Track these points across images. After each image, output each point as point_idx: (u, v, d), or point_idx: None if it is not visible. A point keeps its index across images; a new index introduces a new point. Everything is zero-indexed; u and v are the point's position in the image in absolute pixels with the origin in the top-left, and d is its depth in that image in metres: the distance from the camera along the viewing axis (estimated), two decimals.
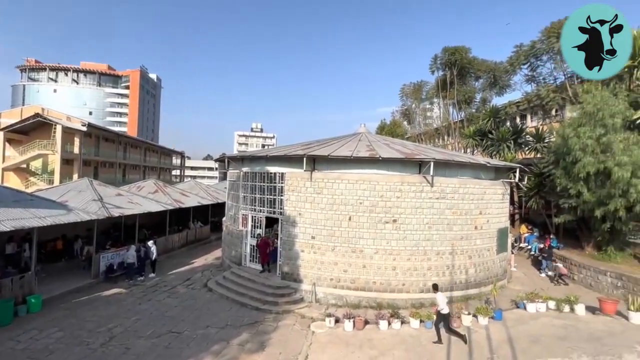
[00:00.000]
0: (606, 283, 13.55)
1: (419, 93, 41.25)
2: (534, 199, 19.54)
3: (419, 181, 12.54)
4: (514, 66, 25.34)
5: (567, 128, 15.06)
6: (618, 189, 12.72)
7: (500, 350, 8.93)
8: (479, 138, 26.51)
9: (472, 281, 13.05)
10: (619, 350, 8.63)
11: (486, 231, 13.59)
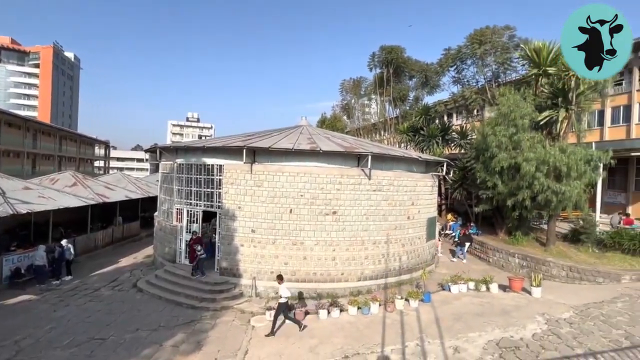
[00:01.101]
0: (514, 264, 15.49)
1: (358, 89, 42.59)
2: (458, 190, 21.50)
3: (357, 174, 12.97)
4: (443, 68, 27.41)
5: (486, 127, 16.77)
6: (525, 181, 14.52)
7: (429, 329, 9.72)
8: (412, 134, 28.26)
9: (405, 267, 13.97)
10: (524, 321, 9.96)
11: (417, 221, 14.60)
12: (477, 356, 8.19)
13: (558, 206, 14.55)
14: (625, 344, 8.36)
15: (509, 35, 22.74)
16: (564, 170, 13.87)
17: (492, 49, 22.50)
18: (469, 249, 18.55)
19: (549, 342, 8.69)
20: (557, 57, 15.66)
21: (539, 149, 14.56)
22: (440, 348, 8.62)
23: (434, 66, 29.89)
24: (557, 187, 13.90)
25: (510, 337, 9.01)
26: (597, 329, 9.23)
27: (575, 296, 11.71)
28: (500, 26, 22.95)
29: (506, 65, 23.12)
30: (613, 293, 11.59)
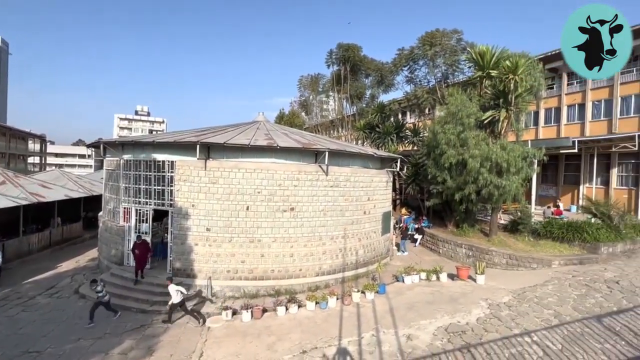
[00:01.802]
0: (462, 254, 16.56)
1: (316, 85, 42.72)
2: (412, 185, 22.48)
3: (315, 170, 13.05)
4: (397, 67, 28.37)
5: (437, 125, 17.66)
6: (471, 176, 15.53)
7: (384, 320, 10.09)
8: (368, 131, 28.96)
9: (362, 261, 14.34)
10: (469, 307, 10.69)
11: (373, 215, 15.04)
12: (428, 342, 8.65)
13: (499, 199, 15.76)
14: (554, 322, 9.30)
15: (456, 38, 24.09)
16: (505, 166, 15.03)
17: (441, 51, 23.69)
18: (421, 241, 19.51)
19: (490, 324, 9.42)
20: (499, 61, 16.89)
21: (483, 146, 15.62)
22: (395, 337, 8.99)
23: (388, 65, 30.81)
24: (498, 182, 15.04)
25: (458, 323, 9.63)
26: (531, 310, 10.16)
27: (513, 281, 12.77)
28: (449, 29, 24.25)
29: (454, 67, 24.49)
30: (545, 277, 12.81)
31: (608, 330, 8.66)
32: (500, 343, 8.37)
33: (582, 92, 26.79)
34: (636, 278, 11.98)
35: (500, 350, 8.06)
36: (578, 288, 11.52)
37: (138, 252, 12.13)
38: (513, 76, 15.54)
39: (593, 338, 8.34)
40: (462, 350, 8.12)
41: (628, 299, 10.36)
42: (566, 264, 13.93)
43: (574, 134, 26.05)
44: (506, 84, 15.85)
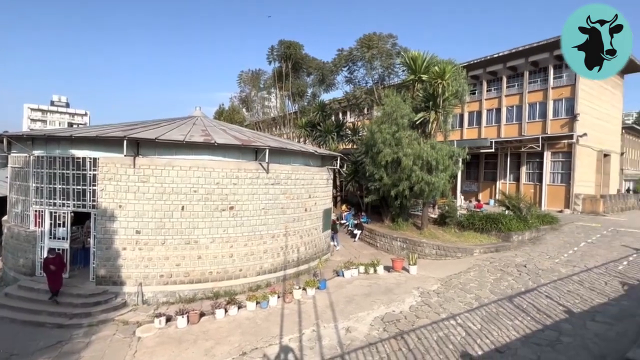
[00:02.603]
0: (397, 246, 17.56)
1: (257, 81, 41.85)
2: (351, 182, 23.22)
3: (255, 168, 12.81)
4: (337, 67, 28.99)
5: (374, 125, 18.46)
6: (405, 173, 16.53)
7: (324, 314, 10.30)
8: (309, 129, 29.22)
9: (303, 258, 14.46)
10: (403, 296, 11.39)
11: (314, 212, 15.25)
12: (365, 332, 9.03)
13: (430, 195, 17.01)
14: (475, 305, 10.32)
15: (392, 42, 25.34)
16: (434, 164, 16.26)
17: (378, 53, 24.75)
18: (360, 236, 20.27)
19: (422, 311, 10.14)
20: (429, 66, 18.18)
21: (416, 145, 16.71)
22: (334, 330, 9.23)
23: (329, 65, 31.34)
24: (429, 179, 16.22)
25: (393, 312, 10.21)
26: (456, 295, 11.16)
27: (441, 270, 13.90)
28: (385, 34, 25.40)
29: (390, 69, 25.78)
30: (468, 265, 14.15)
31: (517, 308, 9.86)
32: (430, 328, 9.05)
33: (498, 98, 30.00)
34: (539, 261, 13.81)
35: (430, 334, 8.72)
36: (494, 273, 12.94)
37: (54, 269, 10.50)
38: (441, 81, 16.85)
39: (505, 316, 9.43)
40: (396, 337, 8.62)
41: (533, 280, 11.91)
42: (485, 252, 15.54)
43: (492, 135, 29.11)
44: (435, 88, 17.13)
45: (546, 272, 12.55)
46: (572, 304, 9.91)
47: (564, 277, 12.02)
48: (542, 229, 18.03)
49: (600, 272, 12.25)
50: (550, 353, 7.57)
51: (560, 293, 10.70)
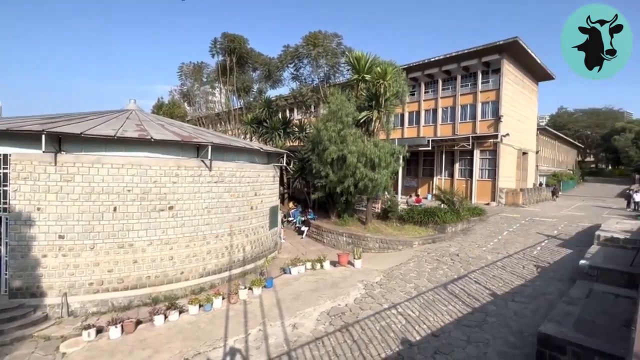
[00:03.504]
0: (343, 241, 18.02)
1: (200, 75, 39.96)
2: (298, 179, 23.28)
3: (197, 165, 12.24)
4: (283, 64, 28.82)
5: (320, 122, 18.67)
6: (350, 170, 16.98)
7: (271, 312, 10.22)
8: (255, 125, 28.69)
9: (249, 257, 14.19)
10: (348, 289, 11.74)
11: (260, 210, 15.02)
12: (312, 328, 9.14)
13: (373, 190, 17.69)
14: (414, 294, 10.99)
15: (337, 42, 25.83)
16: (377, 161, 16.93)
17: (324, 52, 25.07)
18: (307, 233, 20.43)
19: (365, 303, 10.54)
20: (372, 66, 18.84)
21: (360, 143, 17.25)
22: (281, 328, 9.21)
23: (275, 61, 31.01)
24: (372, 175, 16.85)
25: (338, 305, 10.47)
26: (397, 285, 11.78)
27: (384, 262, 14.56)
28: (330, 32, 25.80)
29: (335, 68, 26.26)
30: (408, 256, 15.01)
31: (451, 294, 10.70)
32: (373, 318, 9.45)
33: (435, 99, 32.07)
34: (470, 250, 15.11)
35: (373, 324, 9.11)
36: (431, 263, 13.88)
37: None
38: (383, 81, 17.57)
39: (441, 302, 10.18)
40: (341, 330, 8.86)
41: (464, 268, 13.00)
42: (423, 244, 16.60)
43: (429, 134, 31.08)
44: (377, 88, 17.82)
45: (475, 260, 13.78)
46: (496, 287, 11.01)
47: (490, 263, 13.30)
48: (472, 220, 19.74)
49: (519, 257, 13.76)
50: (478, 333, 8.34)
51: (487, 278, 11.82)
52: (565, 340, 6.09)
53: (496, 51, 27.25)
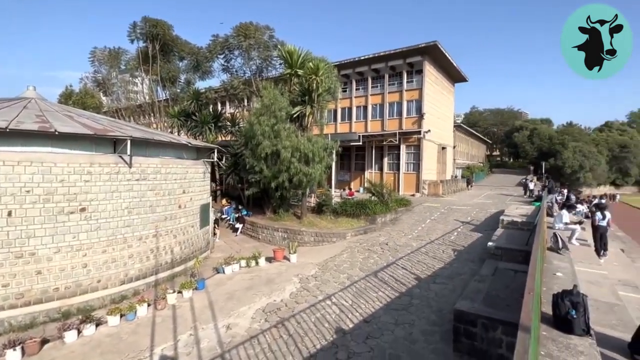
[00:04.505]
0: (278, 237, 17.95)
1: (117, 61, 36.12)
2: (231, 175, 22.52)
3: (114, 162, 11.09)
4: (212, 54, 27.47)
5: (253, 116, 18.24)
6: (284, 165, 16.93)
7: (203, 315, 9.76)
8: (183, 119, 26.99)
9: (178, 259, 13.36)
10: (284, 284, 11.74)
11: (190, 209, 14.21)
12: (247, 327, 8.95)
13: (307, 185, 17.90)
14: (347, 283, 11.42)
15: (269, 34, 25.40)
16: (310, 156, 17.13)
17: (256, 44, 24.47)
18: (242, 230, 19.93)
19: (301, 296, 10.65)
20: (304, 62, 18.91)
21: (293, 138, 17.26)
22: (214, 330, 8.86)
23: (203, 51, 29.40)
24: (306, 170, 17.01)
25: (274, 301, 10.41)
26: (331, 277, 12.12)
27: (319, 255, 14.86)
28: (262, 25, 25.24)
29: (268, 61, 25.84)
30: (342, 248, 15.52)
31: (381, 281, 11.34)
32: (308, 311, 9.59)
33: (365, 96, 33.45)
34: (398, 239, 16.16)
35: (308, 317, 9.24)
36: (363, 253, 14.55)
37: None
38: (315, 77, 17.77)
39: (372, 290, 10.73)
40: (277, 326, 8.83)
41: (393, 255, 13.87)
42: (356, 235, 17.30)
43: (360, 130, 32.36)
44: (310, 83, 17.97)
45: (402, 247, 14.79)
46: (420, 271, 11.96)
47: (415, 250, 14.39)
48: (400, 211, 21.12)
49: (439, 243, 15.12)
50: (405, 315, 8.99)
51: (412, 263, 12.78)
52: (476, 315, 6.86)
53: (418, 53, 29.35)
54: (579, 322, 4.71)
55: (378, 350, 7.56)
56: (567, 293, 5.00)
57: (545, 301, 5.47)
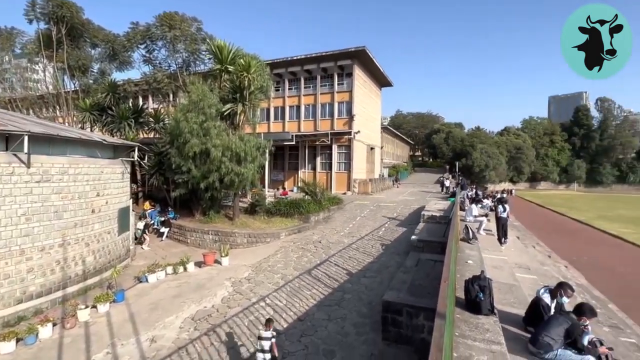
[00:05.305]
0: (209, 240, 17.14)
1: (10, 44, 30.88)
2: (155, 176, 20.86)
3: (6, 161, 9.48)
4: (132, 43, 25.06)
5: (179, 113, 17.12)
6: (214, 165, 16.21)
7: (123, 330, 8.88)
8: (97, 113, 24.23)
9: (92, 270, 11.95)
10: (215, 289, 11.25)
11: (106, 213, 12.81)
12: (174, 337, 8.38)
13: (240, 185, 17.39)
14: (282, 283, 11.39)
15: (197, 27, 24.02)
16: (243, 155, 16.68)
17: (182, 36, 22.95)
18: (168, 234, 18.60)
19: (234, 300, 10.32)
20: (235, 58, 18.34)
21: (224, 136, 16.63)
22: (136, 345, 8.12)
23: (121, 39, 26.66)
24: (238, 170, 16.53)
25: (204, 308, 9.92)
26: (265, 278, 11.96)
27: (253, 256, 14.56)
28: (189, 16, 23.79)
29: (196, 55, 24.42)
30: (276, 248, 15.42)
31: (314, 279, 11.53)
32: (242, 314, 9.34)
33: (298, 96, 33.69)
34: (330, 236, 16.61)
35: (241, 320, 9.00)
36: (297, 252, 14.64)
37: None
38: (247, 74, 17.34)
39: (305, 288, 10.85)
40: (207, 333, 8.43)
41: (326, 253, 14.22)
42: (290, 234, 17.34)
43: (293, 129, 32.51)
44: (242, 81, 17.48)
45: (335, 245, 15.24)
46: (351, 267, 12.46)
47: (347, 246, 14.94)
48: (332, 209, 21.73)
49: (369, 239, 15.92)
50: (337, 310, 9.28)
51: (344, 259, 13.25)
52: (401, 304, 7.38)
53: (348, 57, 30.48)
54: (486, 303, 5.36)
55: (312, 347, 7.68)
56: (476, 278, 5.64)
57: (459, 287, 6.10)
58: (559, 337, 4.70)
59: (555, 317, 4.93)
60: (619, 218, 30.36)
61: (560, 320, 4.80)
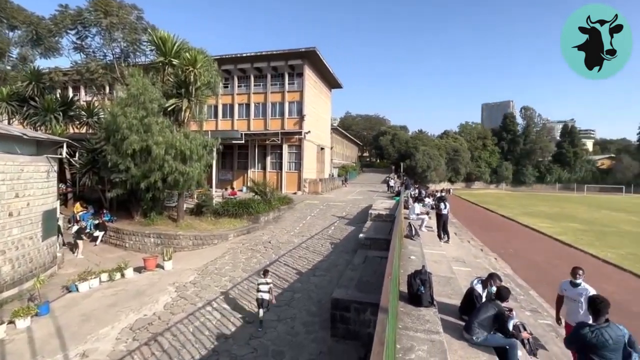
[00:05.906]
0: (150, 243, 16.09)
1: None
2: (88, 175, 19.08)
3: None
4: (60, 28, 22.62)
5: (116, 107, 15.83)
6: (156, 163, 15.25)
7: (47, 346, 7.99)
8: (16, 103, 21.52)
9: (9, 281, 10.60)
10: (157, 295, 10.60)
11: (27, 217, 11.44)
12: (109, 350, 7.74)
13: (185, 185, 16.57)
14: (230, 286, 11.07)
15: (137, 15, 22.40)
16: (188, 153, 15.92)
17: (120, 23, 21.24)
18: (103, 238, 17.13)
19: (177, 306, 9.81)
20: (180, 51, 17.45)
21: (168, 133, 15.72)
22: None
23: (47, 22, 23.95)
24: (183, 169, 15.74)
25: (144, 316, 9.29)
26: (212, 281, 11.54)
27: (199, 259, 13.96)
28: (128, 3, 22.09)
29: (136, 46, 22.75)
30: (223, 250, 14.95)
31: None
32: (186, 321, 8.91)
33: (248, 94, 33.02)
34: (280, 236, 16.51)
35: (186, 327, 8.59)
36: (246, 253, 14.34)
37: None
38: (193, 69, 16.57)
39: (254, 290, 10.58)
40: (148, 343, 7.92)
41: (275, 253, 14.11)
42: (239, 235, 16.93)
43: (243, 128, 31.78)
44: (187, 75, 16.68)
45: (285, 244, 15.18)
46: (301, 266, 12.51)
47: (297, 246, 14.97)
48: (282, 209, 21.62)
49: (319, 238, 16.11)
50: (287, 310, 9.26)
51: (294, 259, 13.26)
52: (349, 301, 7.58)
53: (299, 57, 30.53)
54: (426, 296, 5.72)
55: (261, 349, 7.58)
56: (418, 273, 5.99)
57: (402, 281, 6.43)
58: (488, 323, 5.17)
59: (485, 305, 5.41)
60: (539, 214, 34.12)
61: (489, 307, 5.28)
